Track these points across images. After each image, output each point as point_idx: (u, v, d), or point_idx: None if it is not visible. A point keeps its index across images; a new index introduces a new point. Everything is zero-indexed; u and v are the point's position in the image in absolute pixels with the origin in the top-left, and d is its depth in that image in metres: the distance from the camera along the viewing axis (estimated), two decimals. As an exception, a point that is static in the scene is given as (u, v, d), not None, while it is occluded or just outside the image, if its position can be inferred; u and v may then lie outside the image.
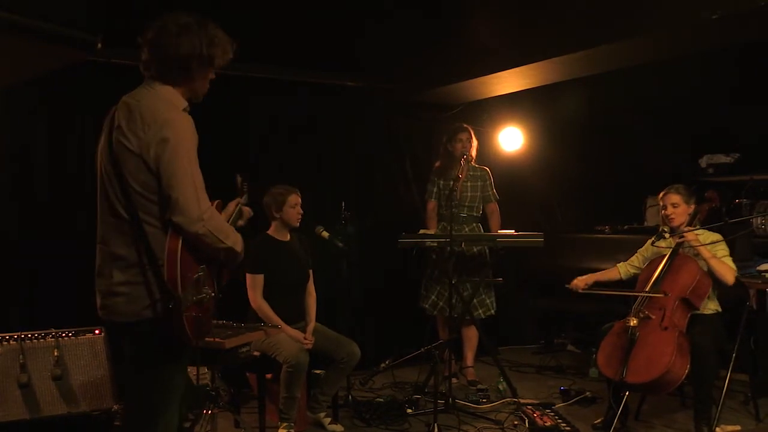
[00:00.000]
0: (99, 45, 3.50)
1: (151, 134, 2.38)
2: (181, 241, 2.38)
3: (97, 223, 2.55)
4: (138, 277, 2.42)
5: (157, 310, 2.41)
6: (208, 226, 2.40)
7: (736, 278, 4.31)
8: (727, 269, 4.26)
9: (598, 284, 4.63)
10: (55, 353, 4.09)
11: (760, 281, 4.70)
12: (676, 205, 4.43)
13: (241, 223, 3.01)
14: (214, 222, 2.44)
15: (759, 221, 5.37)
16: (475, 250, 5.57)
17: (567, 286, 4.66)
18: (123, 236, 2.45)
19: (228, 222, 2.84)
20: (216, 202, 2.75)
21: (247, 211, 2.99)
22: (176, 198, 2.36)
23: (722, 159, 5.96)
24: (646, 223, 6.22)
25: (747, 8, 4.03)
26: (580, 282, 4.64)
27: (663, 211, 4.51)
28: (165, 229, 2.41)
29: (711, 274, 4.28)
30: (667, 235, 4.45)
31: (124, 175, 2.42)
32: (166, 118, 2.41)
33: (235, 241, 2.56)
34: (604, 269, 4.81)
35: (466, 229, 5.57)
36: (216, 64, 2.59)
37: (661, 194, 4.54)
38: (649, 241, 4.59)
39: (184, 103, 2.55)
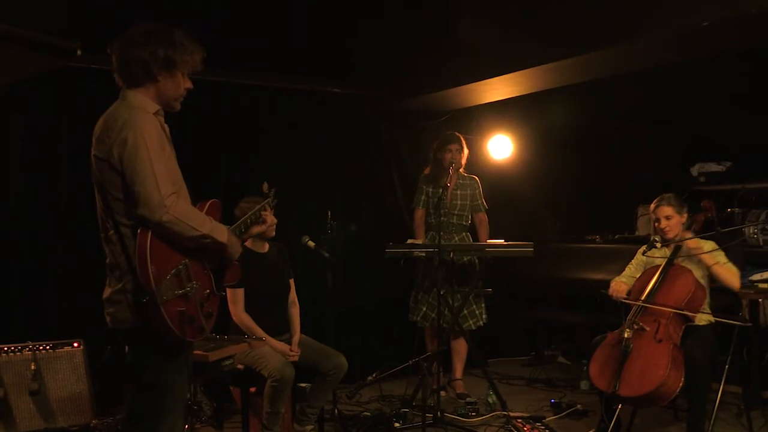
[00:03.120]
0: (78, 52, 3.50)
1: (113, 137, 2.49)
2: (149, 235, 2.44)
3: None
4: (127, 284, 2.51)
5: (141, 311, 2.47)
6: (172, 212, 2.44)
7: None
8: (732, 274, 4.27)
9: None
10: (32, 367, 4.05)
11: (752, 291, 4.71)
12: (669, 218, 4.42)
13: (258, 229, 3.10)
14: (180, 209, 2.47)
15: (751, 230, 5.39)
16: (465, 259, 5.56)
17: (605, 291, 4.46)
18: (112, 246, 2.55)
19: (239, 221, 2.95)
20: (211, 201, 2.76)
21: (270, 218, 3.08)
22: (138, 191, 2.44)
23: (714, 167, 5.99)
24: (637, 233, 6.23)
25: (738, 15, 4.06)
26: (622, 288, 4.43)
27: (656, 224, 4.49)
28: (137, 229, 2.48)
29: (713, 282, 4.29)
30: (658, 245, 4.45)
31: (103, 185, 2.54)
32: (126, 120, 2.51)
33: (213, 229, 2.59)
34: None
35: (456, 239, 5.56)
36: (180, 68, 2.66)
37: (652, 206, 4.52)
38: (640, 252, 4.59)
39: (155, 108, 2.64)
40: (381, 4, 5.66)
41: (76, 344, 4.17)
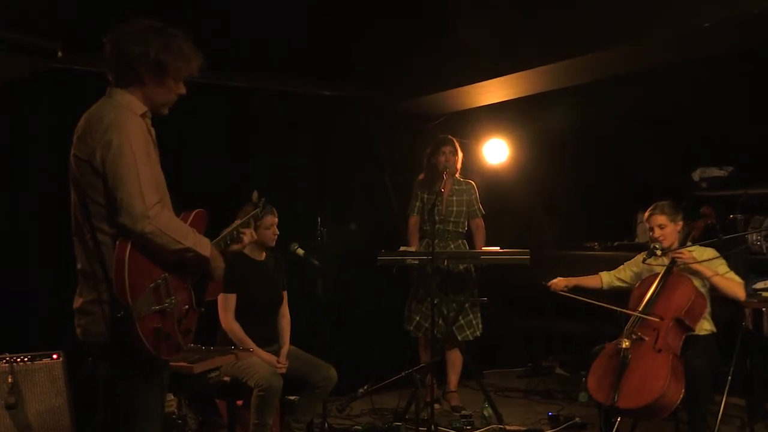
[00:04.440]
0: (60, 53, 3.50)
1: (97, 138, 2.43)
2: (129, 245, 2.38)
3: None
4: (102, 294, 2.45)
5: (115, 325, 2.40)
6: (155, 223, 2.37)
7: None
8: (735, 285, 4.27)
9: (579, 289, 4.64)
10: (9, 380, 4.01)
11: (756, 300, 4.72)
12: (662, 226, 4.44)
13: (237, 246, 2.95)
14: (164, 219, 2.41)
15: (754, 237, 5.40)
16: (461, 267, 5.56)
17: (545, 283, 4.67)
18: (88, 252, 2.49)
19: (218, 238, 2.83)
20: (196, 211, 2.71)
21: (249, 234, 2.95)
22: (120, 197, 2.37)
23: (716, 172, 6.00)
24: (637, 240, 6.23)
25: (740, 16, 4.08)
26: (561, 282, 4.65)
27: (650, 233, 4.53)
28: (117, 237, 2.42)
29: (714, 292, 4.30)
30: (659, 253, 4.46)
31: (82, 187, 2.47)
32: (111, 120, 2.44)
33: (196, 242, 2.52)
34: (594, 288, 4.79)
35: (452, 246, 5.57)
36: (172, 74, 2.59)
37: (646, 215, 4.55)
38: (640, 258, 4.61)
39: (142, 109, 2.57)
40: (377, 6, 5.66)
41: (55, 356, 4.14)
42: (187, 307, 2.59)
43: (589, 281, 4.74)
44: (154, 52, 2.53)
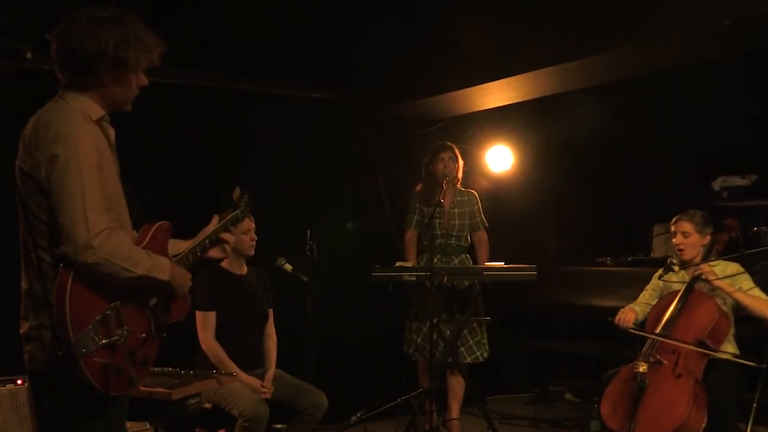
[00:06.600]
0: (29, 54, 3.48)
1: (43, 149, 2.33)
2: (72, 275, 2.29)
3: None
4: (44, 320, 2.36)
5: (57, 358, 2.31)
6: (100, 253, 2.28)
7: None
8: (761, 302, 4.23)
9: None
10: (-31, 407, 3.97)
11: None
12: (686, 235, 4.43)
13: (216, 253, 2.88)
14: (111, 247, 2.30)
15: (780, 252, 5.37)
16: (466, 284, 5.51)
17: (611, 320, 4.47)
18: (32, 270, 2.41)
19: (188, 249, 2.74)
20: (157, 225, 2.63)
21: (229, 238, 2.87)
22: (62, 223, 2.29)
23: (738, 181, 5.99)
24: (652, 255, 6.22)
25: (762, 13, 4.06)
26: (630, 316, 4.43)
27: (673, 239, 4.51)
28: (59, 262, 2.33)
29: (739, 311, 4.27)
30: (676, 269, 4.43)
31: (26, 203, 2.39)
32: (58, 131, 2.34)
33: (151, 267, 2.42)
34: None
35: (455, 261, 5.56)
36: (132, 68, 2.47)
37: (673, 220, 4.54)
38: (656, 275, 4.58)
39: (98, 113, 2.47)
40: (372, 8, 5.65)
41: (19, 381, 4.10)
42: (144, 335, 2.50)
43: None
44: (112, 47, 2.40)
